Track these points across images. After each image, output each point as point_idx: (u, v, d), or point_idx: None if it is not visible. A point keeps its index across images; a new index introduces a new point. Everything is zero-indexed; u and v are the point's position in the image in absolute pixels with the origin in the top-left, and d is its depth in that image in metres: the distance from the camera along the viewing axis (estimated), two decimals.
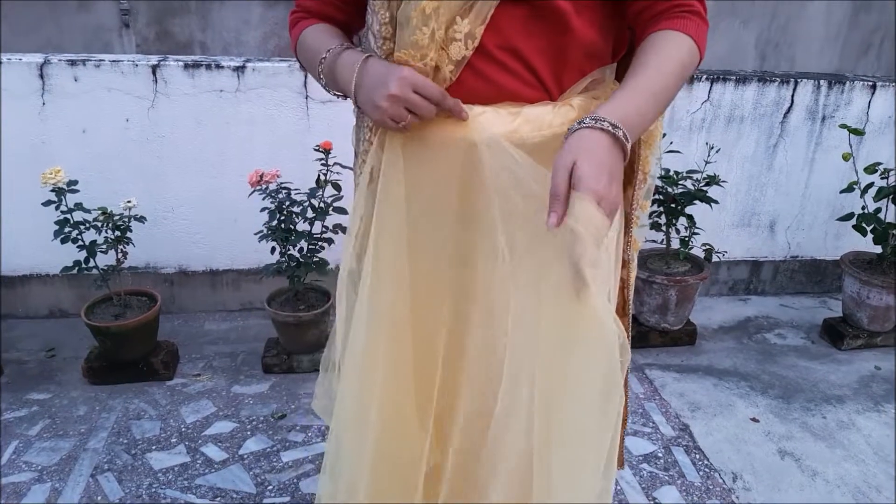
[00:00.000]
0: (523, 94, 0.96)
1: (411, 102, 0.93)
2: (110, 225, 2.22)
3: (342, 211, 2.26)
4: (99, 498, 1.82)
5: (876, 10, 4.16)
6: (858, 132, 2.69)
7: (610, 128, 0.84)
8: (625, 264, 1.21)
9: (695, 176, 2.61)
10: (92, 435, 2.06)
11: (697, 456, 2.08)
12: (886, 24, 4.17)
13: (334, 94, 1.07)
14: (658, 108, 0.93)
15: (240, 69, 2.49)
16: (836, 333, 2.76)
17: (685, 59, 0.93)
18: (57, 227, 2.16)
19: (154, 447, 2.02)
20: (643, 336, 2.68)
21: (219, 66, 2.48)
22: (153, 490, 1.85)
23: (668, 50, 0.93)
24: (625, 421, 1.40)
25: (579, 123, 0.86)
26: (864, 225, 2.63)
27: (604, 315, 0.88)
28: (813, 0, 4.03)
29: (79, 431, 2.07)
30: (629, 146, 0.86)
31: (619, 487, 1.93)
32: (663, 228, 2.66)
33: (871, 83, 2.91)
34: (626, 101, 0.89)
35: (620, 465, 1.46)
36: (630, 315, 1.29)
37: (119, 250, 2.26)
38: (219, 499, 1.83)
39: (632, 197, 1.16)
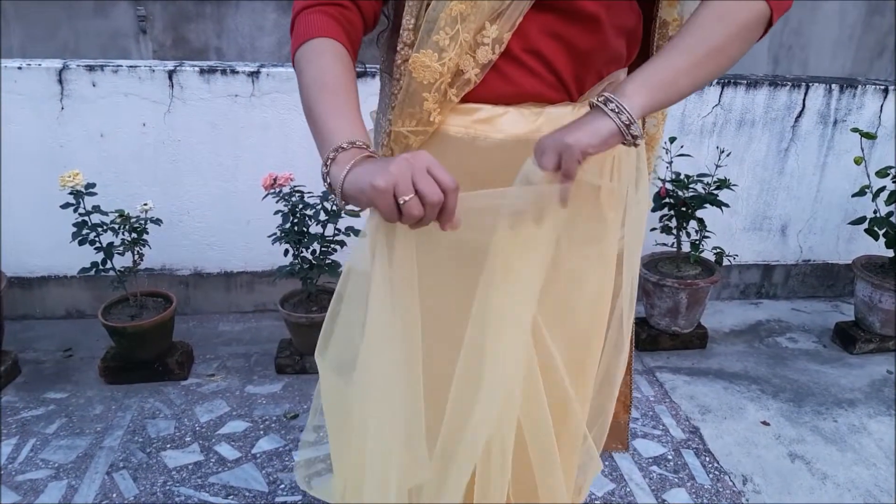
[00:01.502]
0: (546, 94, 0.97)
1: (419, 177, 0.77)
2: (127, 227, 2.26)
3: (354, 214, 2.29)
4: (114, 495, 1.85)
5: (890, 13, 4.13)
6: (870, 136, 2.68)
7: (600, 103, 0.87)
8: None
9: (705, 179, 2.61)
10: (108, 433, 2.09)
11: (707, 458, 2.09)
12: None
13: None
14: (692, 70, 0.90)
15: (254, 74, 2.52)
16: (848, 337, 2.75)
17: (745, 17, 0.90)
18: (75, 229, 2.20)
19: (169, 446, 2.05)
20: (654, 339, 2.68)
21: (234, 72, 2.52)
22: (167, 488, 1.88)
23: (713, 16, 0.90)
24: (628, 407, 1.42)
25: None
26: (875, 229, 2.63)
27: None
28: (826, 1, 4.01)
29: (95, 430, 2.11)
30: (621, 119, 0.86)
31: (628, 489, 1.94)
32: (674, 232, 2.67)
33: (883, 87, 2.90)
34: (651, 68, 0.89)
35: (625, 447, 1.48)
36: (633, 310, 1.31)
37: (135, 252, 2.29)
38: (232, 497, 1.86)
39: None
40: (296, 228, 2.29)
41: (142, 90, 2.48)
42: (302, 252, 2.34)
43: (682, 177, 2.60)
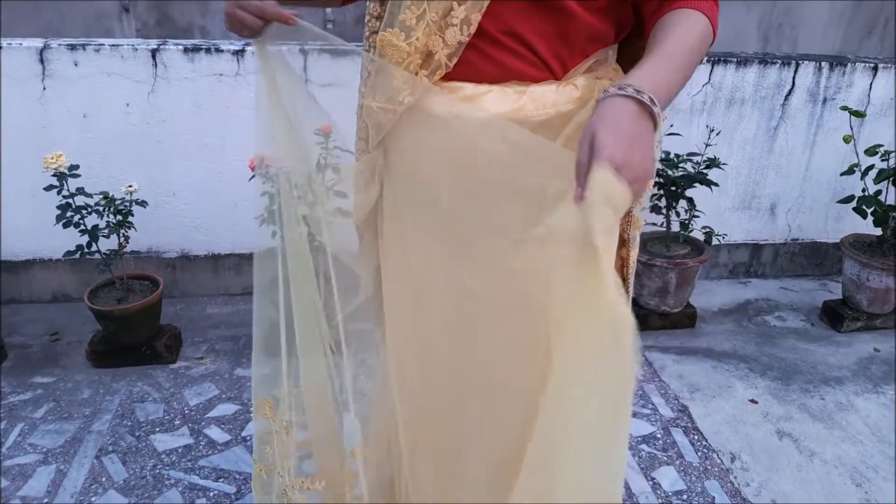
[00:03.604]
0: (528, 73, 0.97)
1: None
2: (112, 209, 2.23)
3: (342, 195, 2.27)
4: (104, 479, 1.84)
5: None
6: (859, 114, 2.68)
7: (634, 93, 0.80)
8: (624, 243, 1.23)
9: (695, 159, 2.61)
10: (96, 417, 2.08)
11: (696, 437, 2.10)
12: (890, 6, 4.13)
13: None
14: (680, 80, 0.89)
15: (239, 53, 2.49)
16: (836, 316, 2.76)
17: (702, 36, 0.92)
18: (59, 212, 2.17)
19: (158, 429, 2.04)
20: (643, 319, 2.68)
21: (218, 50, 2.48)
22: (157, 471, 1.88)
23: (686, 26, 0.91)
24: None
25: (604, 93, 0.82)
26: (864, 207, 2.63)
27: (616, 298, 0.80)
28: None
29: (83, 414, 2.09)
30: (657, 111, 0.81)
31: None
32: (663, 211, 2.66)
33: (872, 65, 2.89)
34: (652, 70, 0.85)
35: None
36: (629, 295, 1.31)
37: (121, 235, 2.27)
38: (222, 479, 1.85)
39: None
40: (284, 210, 2.26)
41: (125, 69, 2.44)
42: (290, 234, 2.31)
43: (671, 156, 2.59)
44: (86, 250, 2.22)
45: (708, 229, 2.72)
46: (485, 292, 1.07)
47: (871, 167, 2.62)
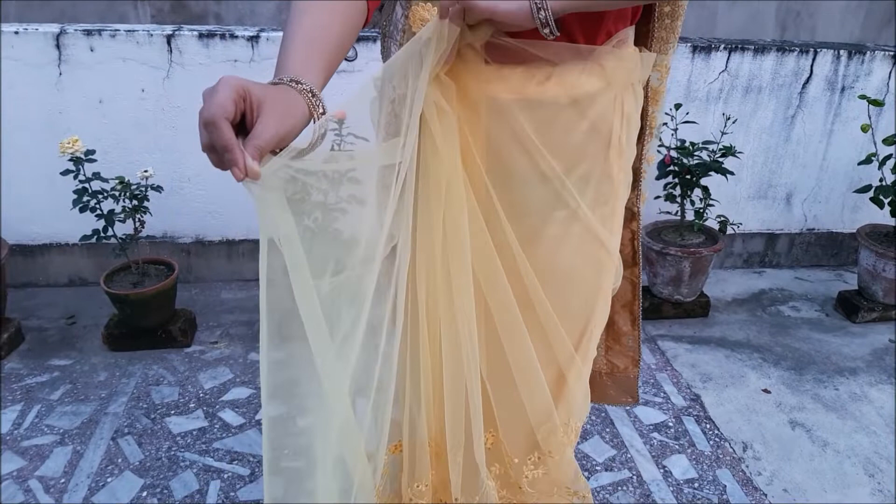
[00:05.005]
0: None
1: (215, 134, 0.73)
2: (127, 194, 2.24)
3: (356, 181, 2.27)
4: (119, 460, 1.87)
5: None
6: (878, 103, 2.65)
7: None
8: (634, 216, 1.24)
9: (711, 147, 2.59)
10: (112, 400, 2.11)
11: (708, 426, 2.10)
12: None
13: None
14: None
15: (254, 39, 2.49)
16: (851, 306, 2.74)
17: None
18: (75, 197, 2.19)
19: (173, 412, 2.06)
20: (656, 307, 2.68)
21: (233, 36, 2.48)
22: (172, 453, 1.90)
23: None
24: (637, 362, 1.41)
25: None
26: (881, 197, 2.61)
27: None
28: None
29: (99, 396, 2.12)
30: None
31: (629, 455, 1.96)
32: (678, 200, 2.65)
33: (892, 53, 2.86)
34: None
35: (636, 399, 1.48)
36: (640, 265, 1.31)
37: (136, 219, 2.28)
38: (236, 462, 1.87)
39: (640, 152, 1.18)
40: (297, 195, 2.27)
41: (140, 55, 2.45)
42: (304, 220, 2.32)
43: (687, 144, 2.58)
44: (102, 235, 2.24)
45: (723, 218, 2.71)
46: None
47: (888, 157, 2.59)
